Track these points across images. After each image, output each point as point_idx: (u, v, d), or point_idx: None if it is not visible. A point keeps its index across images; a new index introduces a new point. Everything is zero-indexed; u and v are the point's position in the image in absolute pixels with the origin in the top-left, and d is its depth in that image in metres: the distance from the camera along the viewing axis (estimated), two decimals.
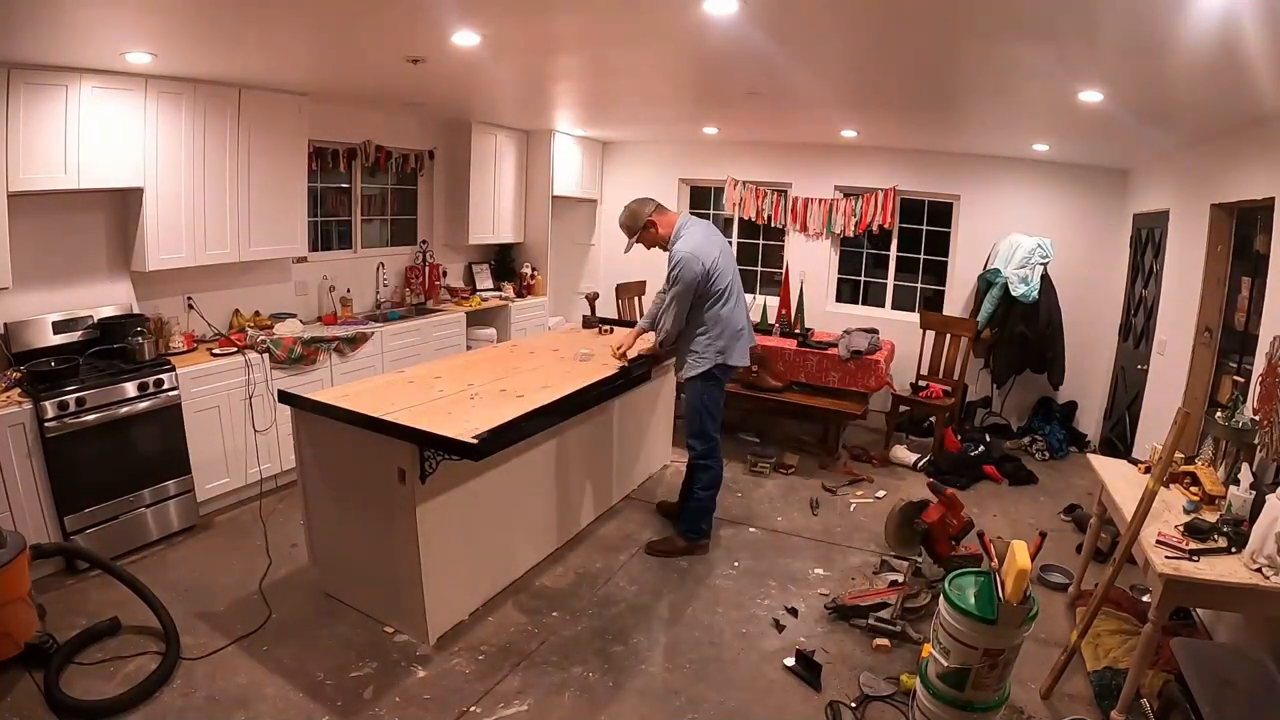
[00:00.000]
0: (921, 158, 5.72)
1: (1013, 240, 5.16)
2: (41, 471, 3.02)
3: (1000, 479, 4.75)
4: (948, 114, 4.11)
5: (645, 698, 2.58)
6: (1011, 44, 2.47)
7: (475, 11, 2.47)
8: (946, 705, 2.24)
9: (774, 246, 6.55)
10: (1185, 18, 1.96)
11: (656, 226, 3.43)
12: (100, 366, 3.34)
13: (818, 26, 2.47)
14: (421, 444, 2.52)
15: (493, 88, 4.15)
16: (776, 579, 3.41)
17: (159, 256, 3.65)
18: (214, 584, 3.16)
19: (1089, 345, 5.38)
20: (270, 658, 2.68)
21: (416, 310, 5.25)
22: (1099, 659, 2.75)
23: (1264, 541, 2.18)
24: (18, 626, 2.49)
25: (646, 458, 4.53)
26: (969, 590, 2.29)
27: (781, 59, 2.94)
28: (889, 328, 5.64)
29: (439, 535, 2.75)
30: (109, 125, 3.33)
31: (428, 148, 5.57)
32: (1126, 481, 2.89)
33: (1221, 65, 2.35)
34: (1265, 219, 3.11)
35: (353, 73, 3.69)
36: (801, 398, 4.98)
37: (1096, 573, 3.04)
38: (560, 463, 3.49)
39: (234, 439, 3.81)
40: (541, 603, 3.15)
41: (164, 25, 2.67)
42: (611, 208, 6.98)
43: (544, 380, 3.34)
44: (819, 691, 2.63)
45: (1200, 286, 3.67)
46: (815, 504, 4.28)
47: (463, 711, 2.46)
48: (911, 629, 2.95)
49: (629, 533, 3.84)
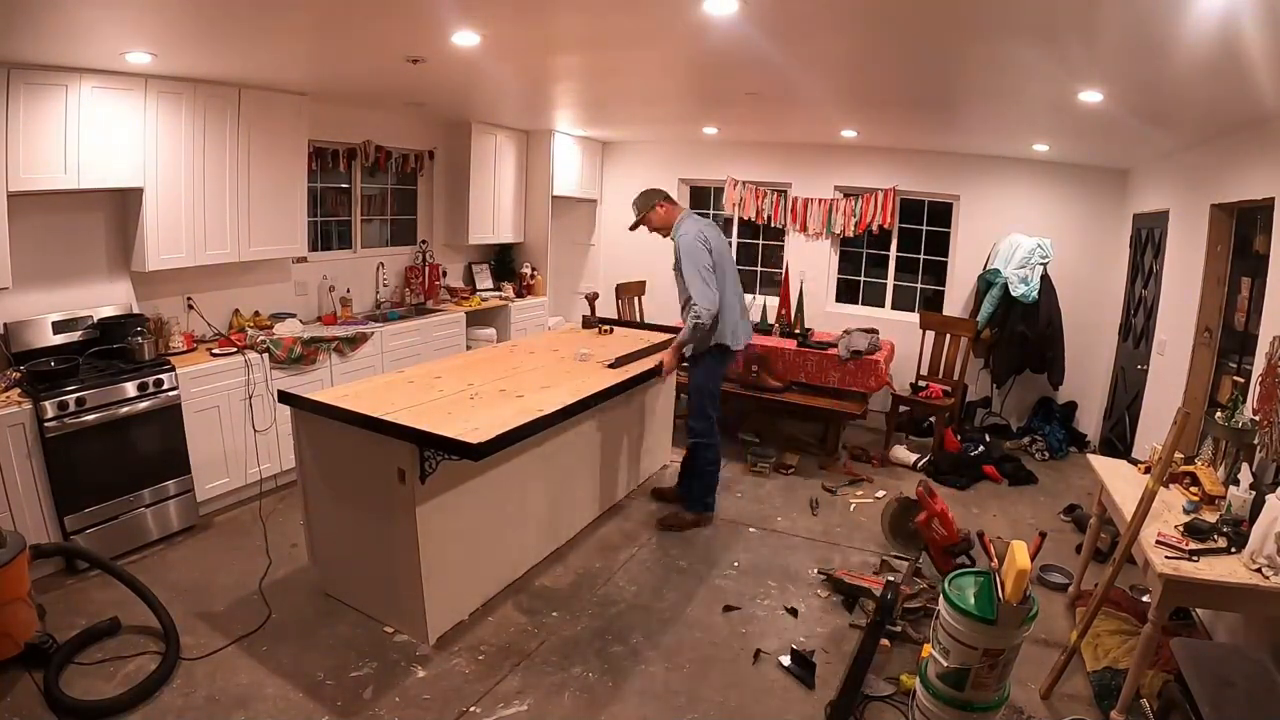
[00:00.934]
0: (921, 158, 5.72)
1: (1013, 240, 5.16)
2: (41, 471, 3.02)
3: (1000, 479, 4.75)
4: (948, 114, 4.10)
5: (645, 698, 2.58)
6: (1011, 44, 2.46)
7: (475, 11, 2.47)
8: (946, 705, 2.24)
9: (774, 246, 6.55)
10: (1185, 18, 1.96)
11: (661, 211, 3.76)
12: (100, 366, 3.34)
13: (818, 26, 2.47)
14: (421, 444, 2.52)
15: (493, 88, 4.15)
16: (776, 579, 3.41)
17: (159, 256, 3.66)
18: (214, 584, 3.16)
19: (1089, 345, 5.38)
20: (270, 658, 2.68)
21: (416, 310, 5.25)
22: (1099, 659, 2.75)
23: (1264, 541, 2.18)
24: (18, 626, 2.49)
25: (647, 457, 4.53)
26: (969, 590, 2.29)
27: (781, 59, 2.94)
28: (889, 328, 5.64)
29: (439, 535, 2.75)
30: (109, 125, 3.33)
31: (428, 148, 5.57)
32: (1126, 481, 2.89)
33: (1221, 65, 2.35)
34: (1265, 219, 3.11)
35: (353, 73, 3.69)
36: (801, 398, 4.98)
37: (1096, 573, 3.04)
38: (560, 462, 3.49)
39: (234, 439, 3.81)
40: (541, 603, 3.15)
41: (164, 25, 2.67)
42: (611, 208, 6.99)
43: (544, 380, 3.34)
44: (813, 689, 2.63)
45: (1200, 286, 3.67)
46: (815, 504, 4.28)
47: (463, 711, 2.47)
48: (911, 629, 2.95)
49: (629, 532, 3.84)
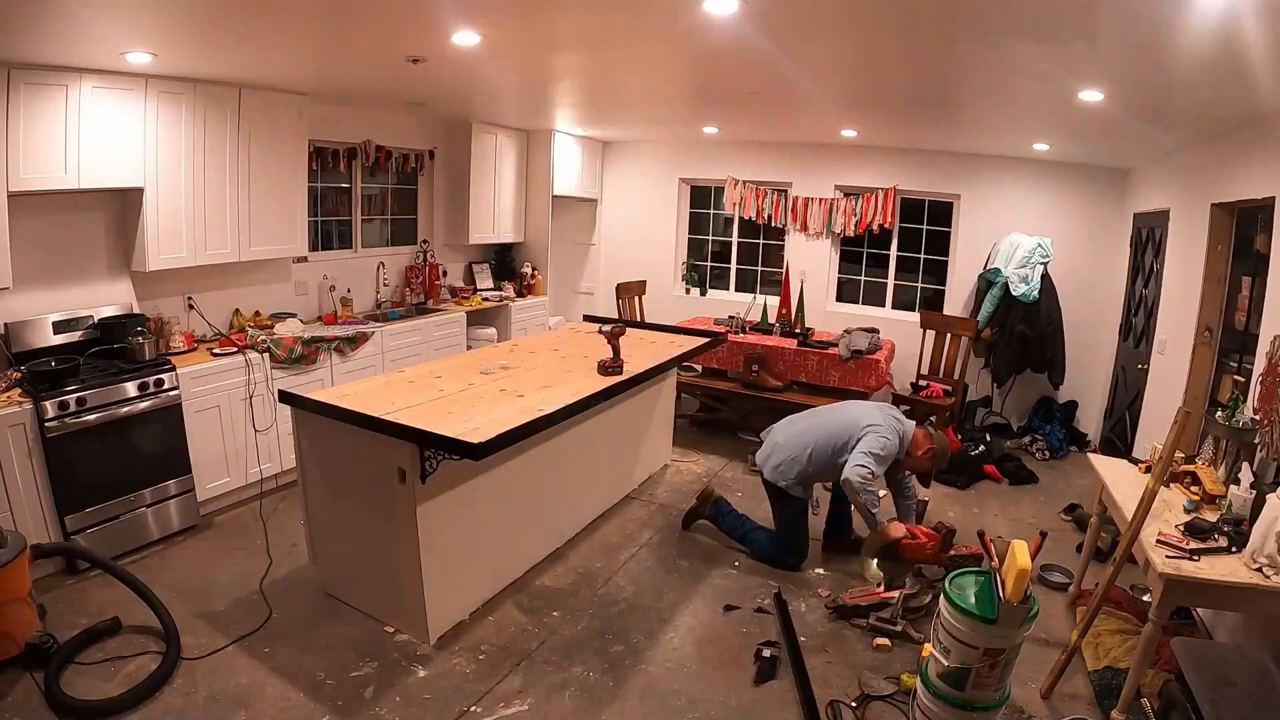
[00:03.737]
0: (921, 157, 5.72)
1: (1013, 240, 5.16)
2: (42, 471, 3.03)
3: (1000, 478, 4.75)
4: (948, 114, 4.10)
5: (645, 698, 2.58)
6: (1012, 44, 2.46)
7: (475, 11, 2.47)
8: (947, 705, 2.24)
9: (774, 246, 6.55)
10: (1185, 18, 1.96)
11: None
12: (100, 366, 3.34)
13: (818, 26, 2.47)
14: (422, 444, 2.52)
15: (493, 87, 4.15)
16: (776, 578, 3.41)
17: (159, 256, 3.65)
18: (214, 584, 3.16)
19: (1089, 345, 5.38)
20: (271, 657, 2.69)
21: (417, 310, 5.25)
22: (1099, 659, 2.75)
23: (1264, 541, 2.18)
24: (18, 626, 2.49)
25: (647, 457, 4.53)
26: (969, 590, 2.29)
27: (782, 59, 2.94)
28: (889, 327, 5.64)
29: (439, 535, 2.75)
30: (109, 125, 3.33)
31: (428, 148, 5.57)
32: (1127, 481, 2.89)
33: (1221, 65, 2.35)
34: (1265, 218, 3.11)
35: (353, 73, 3.69)
36: (802, 397, 4.97)
37: (1097, 572, 3.05)
38: (561, 462, 3.49)
39: (234, 439, 3.81)
40: (542, 602, 3.15)
41: (164, 25, 2.67)
42: (612, 207, 6.99)
43: (544, 380, 3.34)
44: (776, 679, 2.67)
45: (1200, 286, 3.66)
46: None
47: (463, 711, 2.47)
48: (912, 629, 2.96)
49: (629, 532, 3.84)
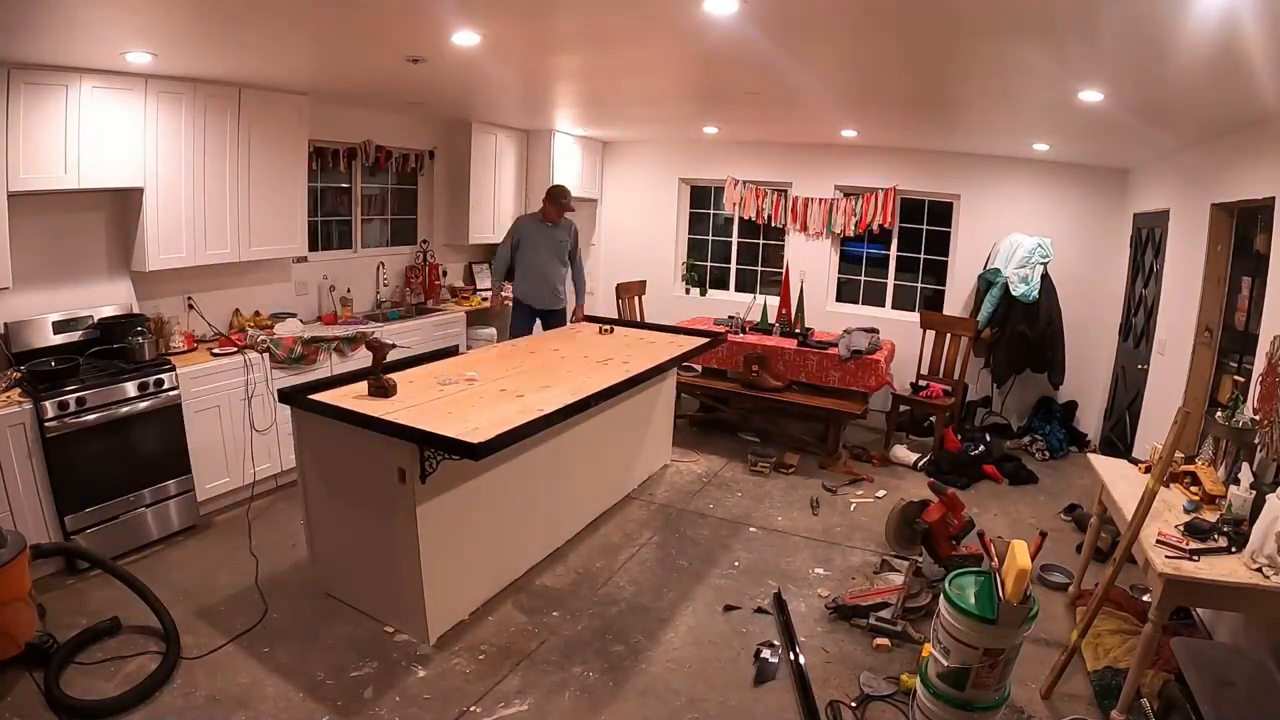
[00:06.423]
0: (921, 157, 5.72)
1: (1013, 240, 5.16)
2: (42, 471, 3.03)
3: (1000, 479, 4.75)
4: (948, 114, 4.10)
5: (645, 698, 2.58)
6: (1012, 44, 2.46)
7: (475, 11, 2.47)
8: (947, 705, 2.24)
9: (774, 246, 6.55)
10: (1185, 18, 1.96)
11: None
12: (100, 366, 3.34)
13: (818, 26, 2.47)
14: (422, 444, 2.52)
15: (493, 88, 4.15)
16: (776, 578, 3.41)
17: (159, 256, 3.65)
18: (214, 583, 3.16)
19: (1089, 345, 5.38)
20: (270, 657, 2.68)
21: (417, 310, 5.26)
22: (1099, 659, 2.75)
23: (1264, 541, 2.18)
24: (18, 626, 2.49)
25: (647, 457, 4.53)
26: (969, 590, 2.29)
27: (781, 59, 2.94)
28: (889, 327, 5.64)
29: (439, 535, 2.75)
30: (109, 125, 3.32)
31: (428, 147, 5.57)
32: (1127, 481, 2.89)
33: (1221, 65, 2.35)
34: (1265, 219, 3.11)
35: (353, 73, 3.68)
36: (802, 397, 4.98)
37: (1096, 572, 3.05)
38: (561, 462, 3.49)
39: (234, 439, 3.81)
40: (542, 602, 3.15)
41: (164, 25, 2.67)
42: (611, 207, 6.99)
43: (544, 380, 3.34)
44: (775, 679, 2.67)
45: (1200, 286, 3.66)
46: (815, 503, 4.28)
47: (463, 711, 2.47)
48: (912, 629, 2.95)
49: (629, 532, 3.84)
